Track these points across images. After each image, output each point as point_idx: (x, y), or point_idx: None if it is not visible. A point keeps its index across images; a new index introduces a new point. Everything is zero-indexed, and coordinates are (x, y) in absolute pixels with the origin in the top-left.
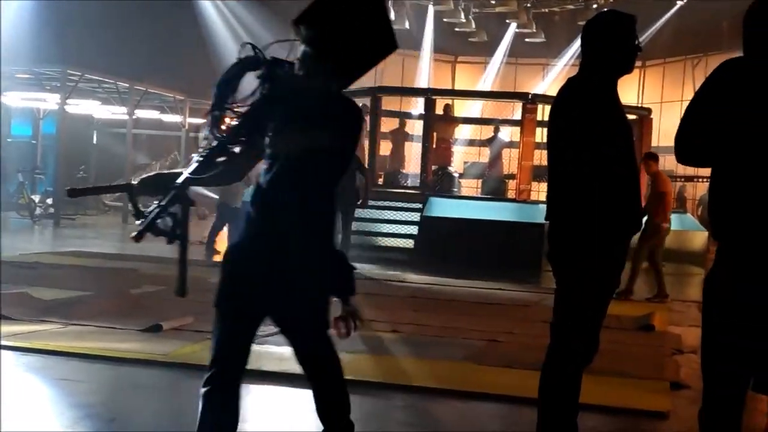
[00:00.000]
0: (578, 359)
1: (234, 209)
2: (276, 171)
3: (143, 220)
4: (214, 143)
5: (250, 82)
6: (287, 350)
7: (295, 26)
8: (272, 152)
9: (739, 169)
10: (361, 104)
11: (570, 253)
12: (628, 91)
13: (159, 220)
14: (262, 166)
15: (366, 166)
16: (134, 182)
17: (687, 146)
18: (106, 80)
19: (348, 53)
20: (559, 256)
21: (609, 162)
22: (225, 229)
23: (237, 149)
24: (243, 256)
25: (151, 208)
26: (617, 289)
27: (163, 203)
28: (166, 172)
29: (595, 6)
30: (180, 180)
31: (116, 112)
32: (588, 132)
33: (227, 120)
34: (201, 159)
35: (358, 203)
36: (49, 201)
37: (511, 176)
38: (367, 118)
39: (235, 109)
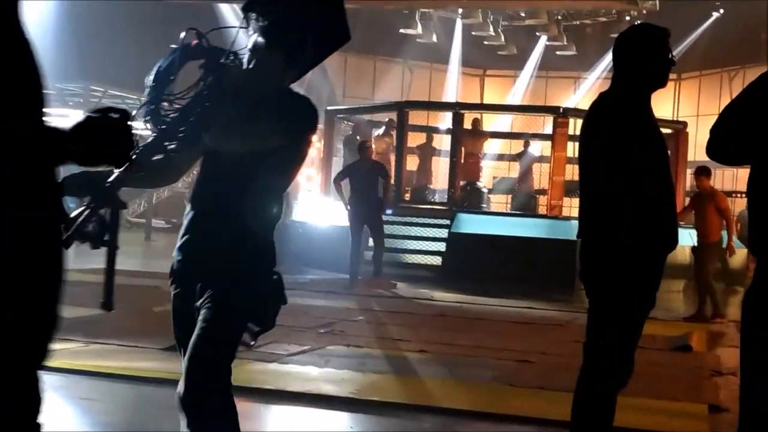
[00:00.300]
0: (612, 381)
1: None
2: (214, 170)
3: (69, 224)
4: (149, 139)
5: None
6: (312, 370)
7: (245, 13)
8: (213, 150)
9: None
10: (387, 119)
11: (603, 272)
12: (664, 104)
13: (88, 225)
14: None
15: (392, 178)
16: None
17: (719, 148)
18: (129, 96)
19: (301, 44)
20: (592, 274)
21: (643, 178)
22: None
23: (174, 146)
24: (179, 256)
25: (77, 211)
26: (652, 308)
27: (91, 205)
28: (94, 170)
29: (627, 18)
30: (111, 179)
31: (139, 128)
32: (621, 147)
33: (163, 113)
34: (134, 156)
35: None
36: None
37: (542, 191)
38: (394, 133)
39: (174, 102)
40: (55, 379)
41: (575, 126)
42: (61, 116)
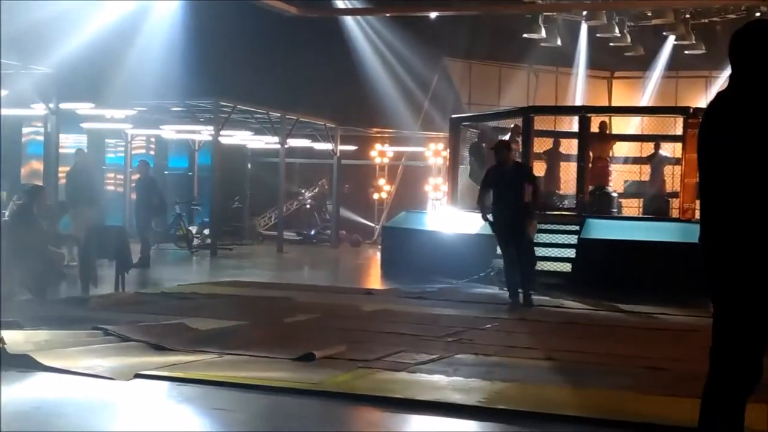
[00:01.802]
0: (739, 388)
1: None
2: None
3: None
4: None
5: None
6: (440, 379)
7: None
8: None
9: None
10: (513, 125)
11: (727, 276)
12: None
13: None
14: None
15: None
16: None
17: None
18: (258, 111)
19: None
20: (715, 279)
21: (765, 178)
22: None
23: None
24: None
25: None
26: None
27: None
28: None
29: (758, 14)
30: None
31: (269, 142)
32: (742, 148)
33: None
34: None
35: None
36: (206, 232)
37: (674, 194)
38: (520, 139)
39: None
40: (189, 390)
41: None
42: (193, 131)
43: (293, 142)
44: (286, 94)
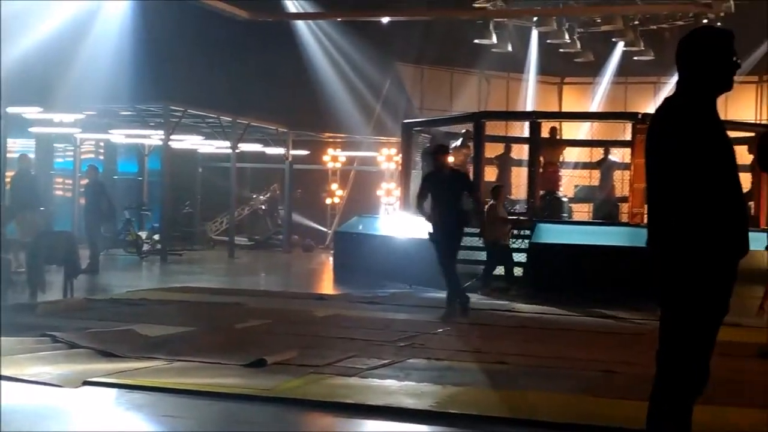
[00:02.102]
0: (686, 390)
1: None
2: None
3: None
4: None
5: None
6: (392, 384)
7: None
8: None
9: None
10: (464, 130)
11: (673, 280)
12: (745, 107)
13: None
14: None
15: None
16: None
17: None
18: (209, 115)
19: None
20: (661, 282)
21: (711, 183)
22: None
23: None
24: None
25: None
26: (725, 314)
27: None
28: None
29: (705, 21)
30: None
31: (220, 147)
32: (688, 152)
33: None
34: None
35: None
36: (156, 237)
37: (624, 199)
38: (472, 144)
39: None
40: (138, 397)
41: None
42: (142, 136)
43: (245, 147)
44: (237, 99)
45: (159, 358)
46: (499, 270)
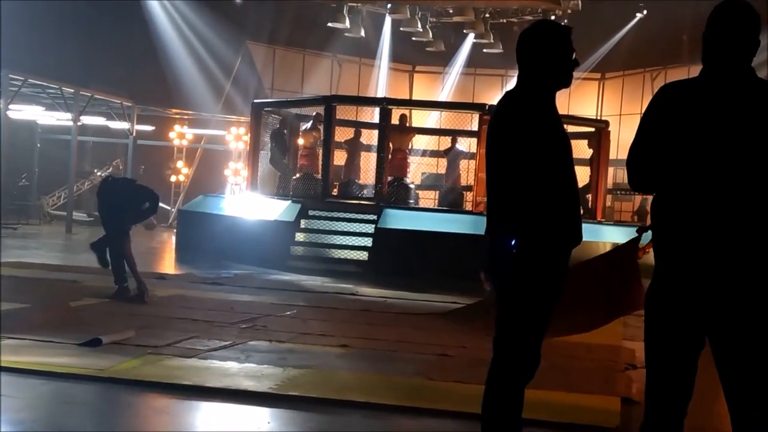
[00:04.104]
0: (518, 375)
1: None
2: None
3: None
4: None
5: None
6: (232, 366)
7: None
8: None
9: (680, 189)
10: (315, 113)
11: (508, 267)
12: (588, 103)
13: None
14: None
15: (319, 174)
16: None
17: (636, 182)
18: (51, 85)
19: None
20: (497, 269)
21: (547, 175)
22: None
23: None
24: None
25: None
26: (558, 302)
27: None
28: None
29: (553, 17)
30: None
31: (61, 119)
32: (525, 146)
33: None
34: None
35: None
36: None
37: (468, 188)
38: (322, 128)
39: None
40: None
41: None
42: None
43: (87, 120)
44: (81, 70)
45: None
46: None
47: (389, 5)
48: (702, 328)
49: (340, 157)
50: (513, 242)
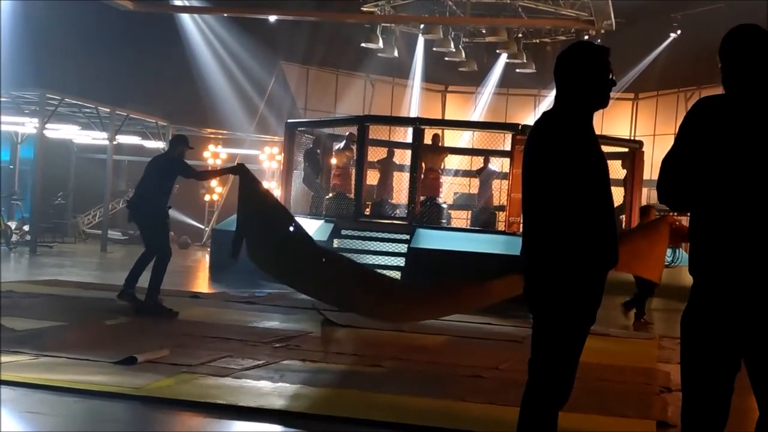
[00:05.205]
0: (553, 397)
1: None
2: None
3: None
4: None
5: None
6: (266, 385)
7: None
8: None
9: (713, 210)
10: (348, 133)
11: (545, 289)
12: (621, 123)
13: None
14: None
15: (352, 194)
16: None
17: (669, 198)
18: (87, 105)
19: None
20: (534, 291)
21: (583, 196)
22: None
23: None
24: None
25: None
26: (592, 324)
27: None
28: None
29: (586, 37)
30: None
31: (96, 138)
32: (562, 167)
33: None
34: None
35: None
36: (26, 228)
37: (501, 208)
38: (355, 147)
39: None
40: (3, 392)
41: None
42: (16, 123)
43: (122, 139)
44: (117, 90)
45: (25, 352)
46: None
47: (422, 25)
48: (738, 349)
49: (372, 177)
50: (547, 263)
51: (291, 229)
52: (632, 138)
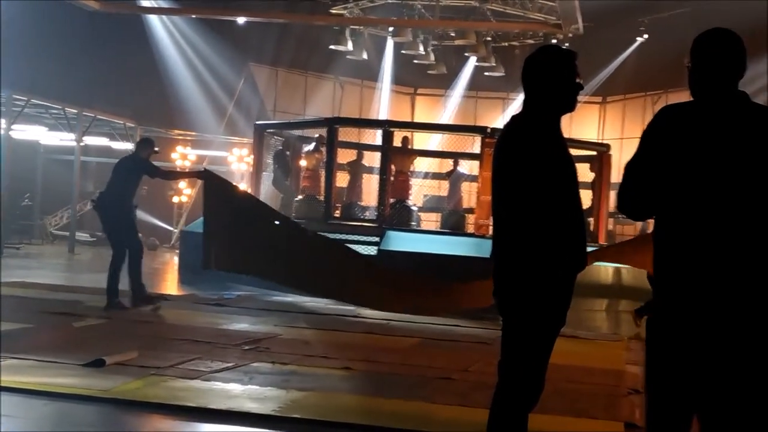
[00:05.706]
0: (523, 399)
1: None
2: None
3: None
4: None
5: None
6: (235, 387)
7: None
8: None
9: (676, 218)
10: (317, 135)
11: (514, 292)
12: (589, 126)
13: None
14: None
15: (321, 196)
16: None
17: (628, 208)
18: (54, 106)
19: None
20: (504, 294)
21: (552, 199)
22: None
23: None
24: None
25: None
26: (562, 326)
27: None
28: None
29: (554, 41)
30: None
31: (64, 139)
32: (532, 170)
33: None
34: None
35: None
36: None
37: (470, 210)
38: (324, 149)
39: None
40: None
41: None
42: None
43: (90, 140)
44: (84, 91)
45: None
46: None
47: (391, 28)
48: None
49: (342, 179)
50: (516, 266)
51: (276, 222)
52: (600, 141)
